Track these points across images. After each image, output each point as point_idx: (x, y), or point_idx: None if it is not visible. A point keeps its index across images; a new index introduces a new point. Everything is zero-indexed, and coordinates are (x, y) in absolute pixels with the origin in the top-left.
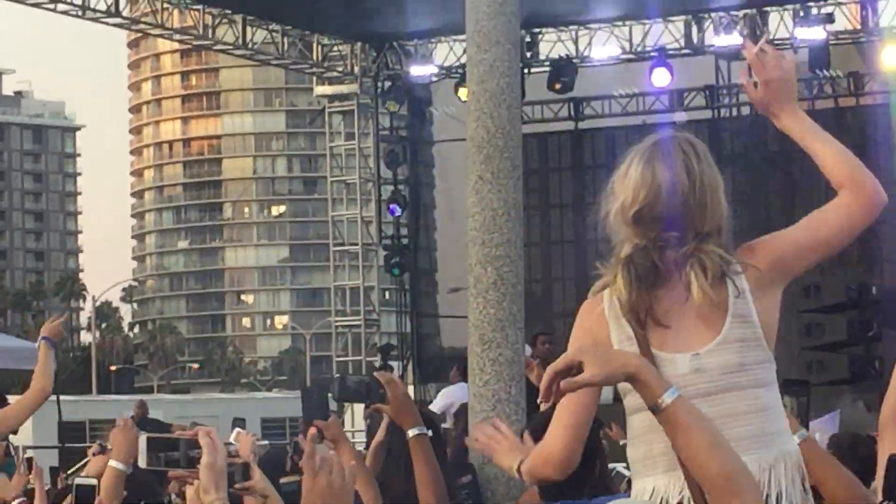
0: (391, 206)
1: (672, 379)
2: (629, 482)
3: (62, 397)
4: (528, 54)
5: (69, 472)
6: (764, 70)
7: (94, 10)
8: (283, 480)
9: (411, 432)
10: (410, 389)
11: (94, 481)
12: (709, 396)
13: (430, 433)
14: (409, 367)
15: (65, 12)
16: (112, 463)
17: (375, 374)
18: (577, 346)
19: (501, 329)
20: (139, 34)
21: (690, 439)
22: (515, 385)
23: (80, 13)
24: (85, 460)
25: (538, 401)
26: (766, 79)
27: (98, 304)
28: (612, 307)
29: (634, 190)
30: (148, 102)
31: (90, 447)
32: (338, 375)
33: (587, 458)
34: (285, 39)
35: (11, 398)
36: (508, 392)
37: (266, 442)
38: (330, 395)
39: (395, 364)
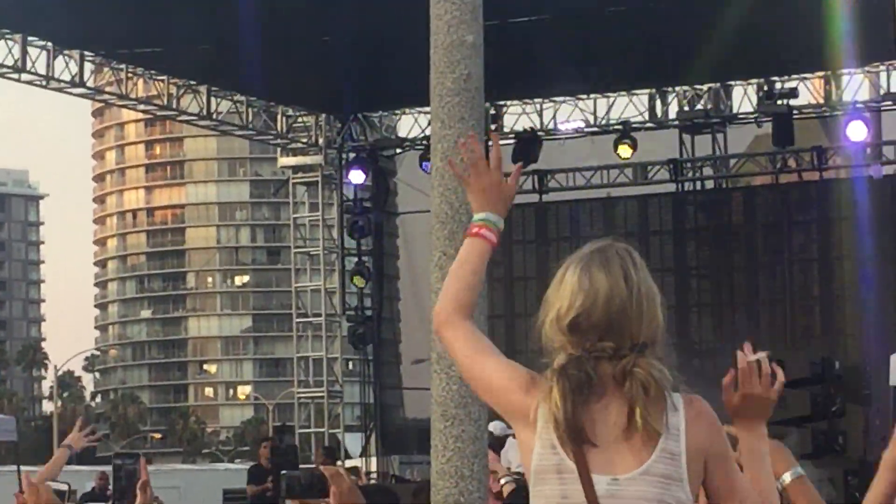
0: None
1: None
2: None
3: (23, 468)
4: (493, 126)
5: None
6: (750, 382)
7: (59, 80)
8: None
9: None
10: (373, 461)
11: None
12: None
13: None
14: (373, 439)
15: (29, 82)
16: None
17: (322, 468)
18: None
19: (464, 406)
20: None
21: None
22: (478, 462)
23: (44, 83)
24: None
25: None
26: (748, 392)
27: (60, 373)
28: (542, 415)
29: (571, 297)
30: (112, 171)
31: None
32: (283, 472)
33: None
34: (249, 110)
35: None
36: (471, 469)
37: None
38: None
39: (358, 436)
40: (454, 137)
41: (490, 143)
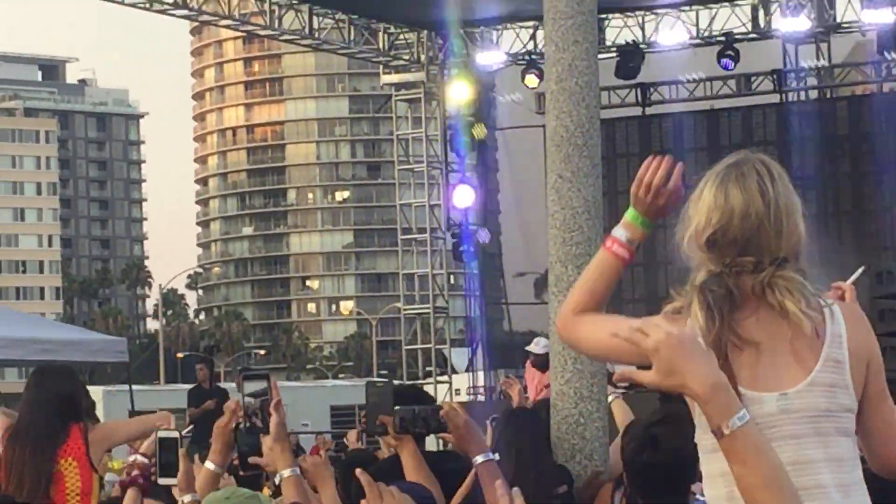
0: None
1: (758, 418)
2: None
3: (134, 387)
4: None
5: None
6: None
7: (162, 3)
8: None
9: (478, 459)
10: (480, 376)
11: (176, 433)
12: (793, 439)
13: (496, 457)
14: (479, 353)
15: (132, 4)
16: (208, 465)
17: (441, 404)
18: (668, 336)
19: None
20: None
21: (747, 471)
22: (597, 383)
23: (147, 5)
24: None
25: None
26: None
27: (164, 291)
28: (693, 334)
29: (707, 214)
30: (211, 89)
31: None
32: (397, 408)
33: (692, 461)
34: (351, 27)
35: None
36: (591, 390)
37: None
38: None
39: (464, 350)
40: (569, 61)
41: None
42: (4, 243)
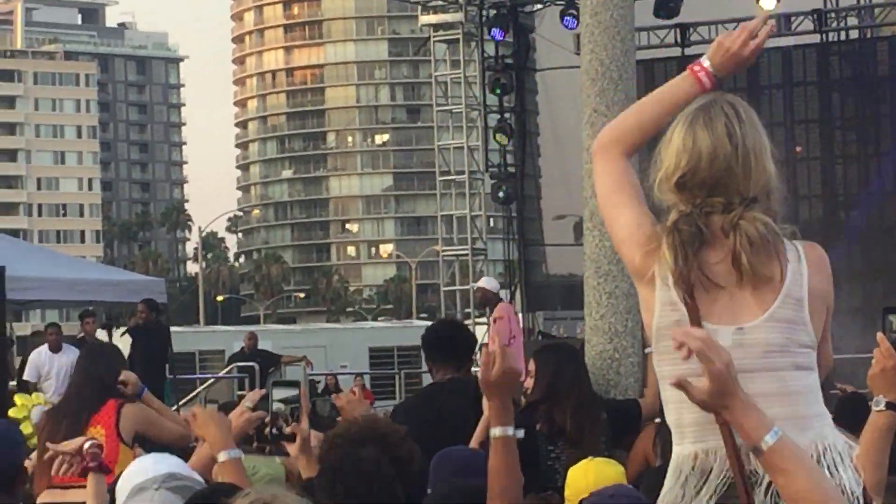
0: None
1: None
2: None
3: (173, 328)
4: None
5: (181, 402)
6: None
7: None
8: None
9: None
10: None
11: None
12: (745, 373)
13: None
14: (518, 295)
15: None
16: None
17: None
18: (729, 365)
19: (617, 262)
20: None
21: (791, 481)
22: (632, 318)
23: None
24: (196, 391)
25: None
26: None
27: (204, 234)
28: (660, 272)
29: (676, 156)
30: (251, 32)
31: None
32: None
33: None
34: None
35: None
36: (625, 325)
37: None
38: None
39: (502, 292)
40: None
41: None
42: (45, 186)
